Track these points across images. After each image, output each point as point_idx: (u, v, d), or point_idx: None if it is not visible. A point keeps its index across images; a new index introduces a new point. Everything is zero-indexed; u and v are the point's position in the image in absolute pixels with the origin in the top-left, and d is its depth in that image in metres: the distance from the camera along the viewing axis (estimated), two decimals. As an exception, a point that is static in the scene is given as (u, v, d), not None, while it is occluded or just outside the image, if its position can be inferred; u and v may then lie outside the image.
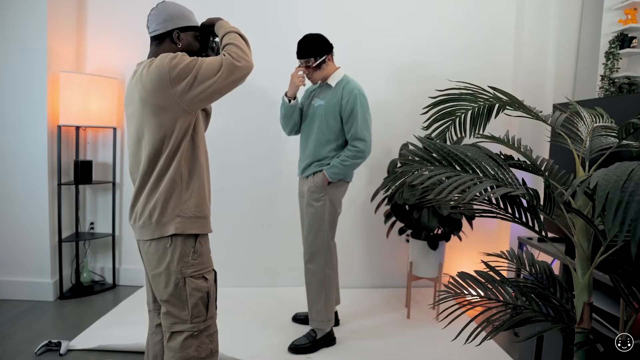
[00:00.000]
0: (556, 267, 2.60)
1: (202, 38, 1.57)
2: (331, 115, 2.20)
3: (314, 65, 2.20)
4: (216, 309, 1.51)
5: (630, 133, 1.20)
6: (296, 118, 2.35)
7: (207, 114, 1.57)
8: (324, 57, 2.21)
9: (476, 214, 1.28)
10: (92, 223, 3.21)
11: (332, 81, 2.25)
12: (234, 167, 3.15)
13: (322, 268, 2.28)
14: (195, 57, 1.38)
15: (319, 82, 2.31)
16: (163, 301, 1.45)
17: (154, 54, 1.48)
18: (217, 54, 1.57)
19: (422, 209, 2.62)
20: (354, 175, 3.16)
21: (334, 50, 2.29)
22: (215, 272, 1.52)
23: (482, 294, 1.33)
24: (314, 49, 2.19)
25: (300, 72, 2.25)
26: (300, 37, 2.27)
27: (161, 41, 1.47)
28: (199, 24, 1.57)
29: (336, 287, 2.55)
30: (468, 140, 3.11)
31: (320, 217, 2.25)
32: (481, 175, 1.09)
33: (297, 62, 2.31)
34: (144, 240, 1.44)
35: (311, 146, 2.28)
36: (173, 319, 1.44)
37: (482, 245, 3.33)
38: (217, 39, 1.57)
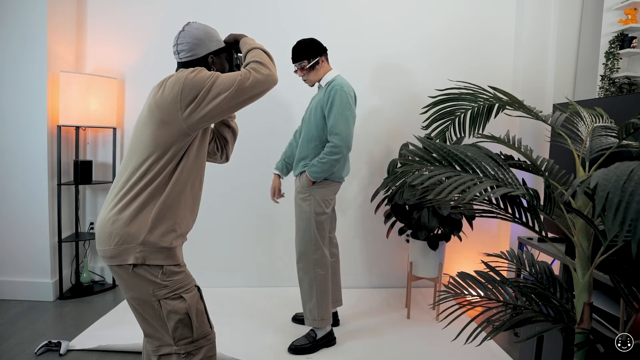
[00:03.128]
0: (556, 267, 2.60)
1: (227, 55, 1.54)
2: (317, 113, 2.23)
3: (307, 67, 2.24)
4: (211, 327, 1.38)
5: (630, 133, 1.20)
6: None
7: (205, 133, 1.47)
8: (317, 59, 2.24)
9: (476, 214, 1.28)
10: (92, 223, 3.21)
11: (323, 82, 2.29)
12: (233, 167, 3.15)
13: (311, 267, 2.28)
14: (213, 72, 1.33)
15: (316, 84, 2.34)
16: (143, 325, 1.36)
17: None
18: None
19: (422, 209, 2.62)
20: (355, 175, 3.18)
21: (328, 52, 2.33)
22: (199, 288, 1.40)
23: (482, 294, 1.33)
24: (306, 52, 2.23)
25: (277, 196, 2.48)
26: (301, 38, 2.29)
27: (194, 67, 1.42)
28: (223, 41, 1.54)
29: (337, 287, 2.55)
30: (468, 140, 3.11)
31: (307, 216, 2.26)
32: (481, 175, 1.09)
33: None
34: (108, 265, 1.34)
35: (299, 143, 2.33)
36: (157, 342, 1.34)
37: (482, 246, 3.33)
38: (240, 55, 1.53)
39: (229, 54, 1.53)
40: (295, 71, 2.31)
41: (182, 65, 1.45)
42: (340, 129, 2.15)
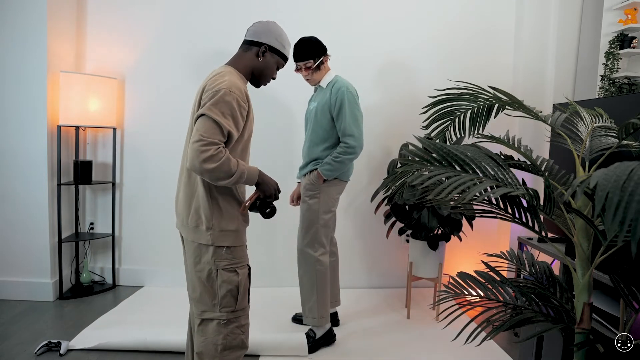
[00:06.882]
0: (556, 267, 2.60)
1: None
2: (323, 115, 2.23)
3: (313, 66, 2.23)
4: (248, 302, 1.56)
5: (630, 133, 1.20)
6: None
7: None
8: (322, 58, 2.24)
9: (476, 214, 1.28)
10: (92, 223, 3.21)
11: (324, 83, 2.29)
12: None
13: (312, 265, 2.28)
14: (228, 120, 1.39)
15: (315, 85, 2.34)
16: (196, 289, 1.52)
17: (235, 57, 1.58)
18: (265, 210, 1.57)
19: (422, 209, 2.62)
20: (354, 175, 3.18)
21: (328, 51, 2.32)
22: (250, 267, 1.57)
23: (482, 294, 1.33)
24: (313, 51, 2.22)
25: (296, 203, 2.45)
26: (301, 37, 2.28)
27: (249, 48, 1.58)
28: (288, 57, 1.65)
29: (336, 287, 2.55)
30: (468, 140, 3.10)
31: (314, 214, 2.26)
32: (481, 175, 1.09)
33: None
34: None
35: (306, 147, 2.33)
36: (203, 307, 1.51)
37: (482, 246, 3.32)
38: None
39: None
40: (297, 70, 2.28)
41: (243, 43, 1.59)
42: (353, 130, 2.18)
